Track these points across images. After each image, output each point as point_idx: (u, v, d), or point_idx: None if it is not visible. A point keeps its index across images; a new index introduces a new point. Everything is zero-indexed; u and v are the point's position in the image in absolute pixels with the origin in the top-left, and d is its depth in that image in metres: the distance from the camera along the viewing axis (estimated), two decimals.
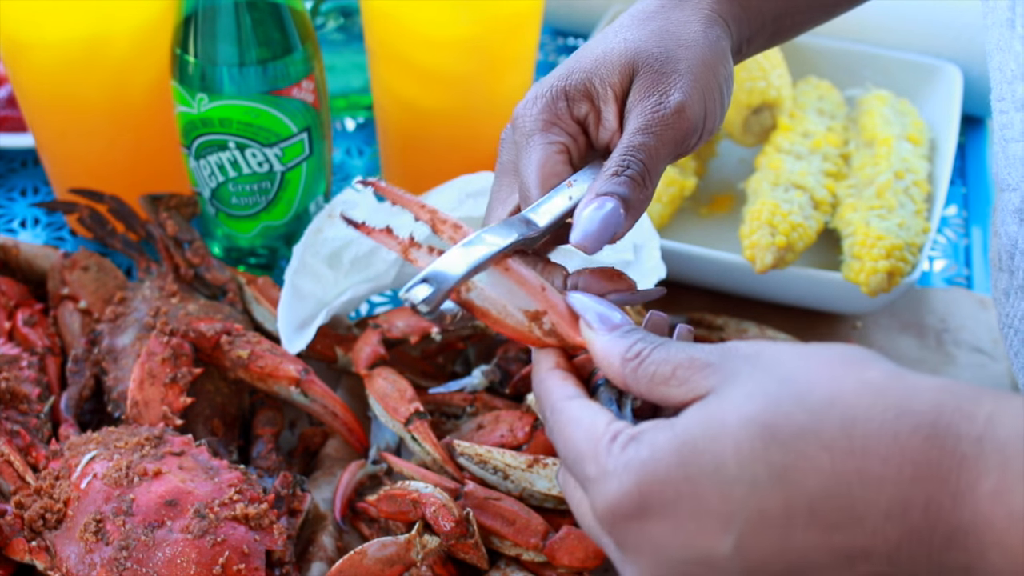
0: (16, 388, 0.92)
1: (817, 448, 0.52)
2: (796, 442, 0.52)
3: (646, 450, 0.55)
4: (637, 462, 0.54)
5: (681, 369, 0.57)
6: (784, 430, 0.52)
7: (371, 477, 0.92)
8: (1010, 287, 0.82)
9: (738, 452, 0.53)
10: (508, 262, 0.65)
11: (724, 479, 0.53)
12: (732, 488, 0.53)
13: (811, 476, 0.52)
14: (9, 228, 1.20)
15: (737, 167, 1.25)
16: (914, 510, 0.50)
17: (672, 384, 0.57)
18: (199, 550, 0.78)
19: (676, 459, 0.54)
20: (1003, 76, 0.76)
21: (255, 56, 0.99)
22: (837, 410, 0.52)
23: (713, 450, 0.53)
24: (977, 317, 1.09)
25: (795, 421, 0.52)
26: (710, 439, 0.53)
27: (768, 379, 0.54)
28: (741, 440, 0.53)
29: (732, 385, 0.55)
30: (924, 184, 1.11)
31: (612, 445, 0.56)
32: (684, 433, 0.54)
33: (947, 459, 0.51)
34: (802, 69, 1.26)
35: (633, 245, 0.98)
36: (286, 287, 0.97)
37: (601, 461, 0.56)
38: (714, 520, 0.53)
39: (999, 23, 0.76)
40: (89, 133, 1.09)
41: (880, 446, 0.51)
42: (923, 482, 0.50)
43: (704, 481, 0.53)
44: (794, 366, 0.55)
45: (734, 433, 0.53)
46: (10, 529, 0.82)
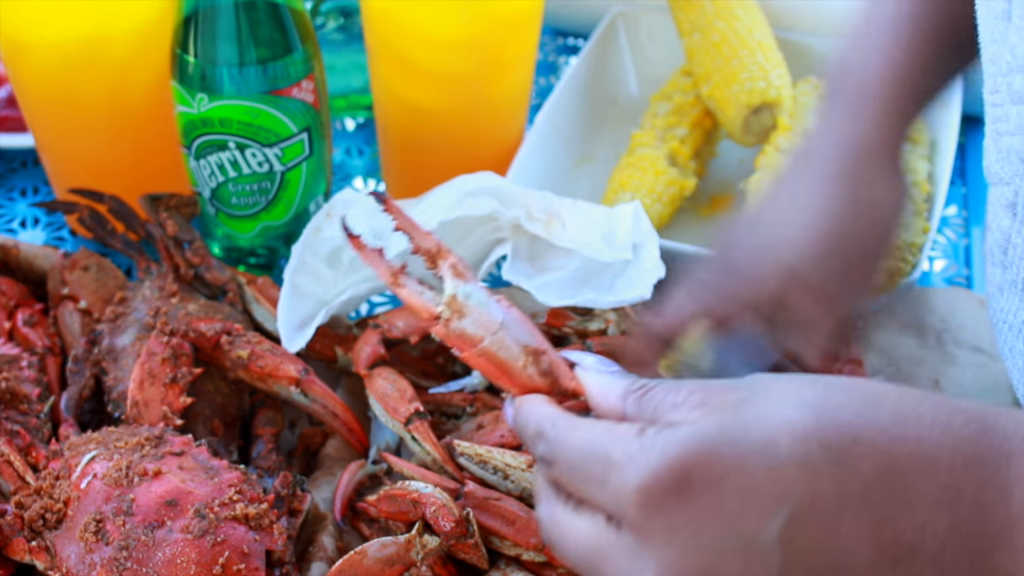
0: (16, 388, 0.92)
1: (873, 432, 0.50)
2: (851, 426, 0.50)
3: (687, 428, 0.51)
4: (680, 436, 0.51)
5: (698, 393, 0.53)
6: (839, 414, 0.50)
7: (371, 477, 0.92)
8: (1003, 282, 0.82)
9: (791, 432, 0.50)
10: (504, 300, 0.64)
11: (776, 457, 0.50)
12: (784, 468, 0.50)
13: (865, 459, 0.50)
14: (9, 228, 1.20)
15: (737, 167, 1.25)
16: (964, 500, 0.49)
17: (685, 407, 0.53)
18: (199, 550, 0.78)
19: (724, 435, 0.51)
20: (998, 68, 0.76)
21: (255, 56, 0.99)
22: (889, 403, 0.51)
23: (764, 428, 0.50)
24: (977, 317, 1.09)
25: (850, 408, 0.51)
26: (760, 420, 0.51)
27: (812, 379, 0.53)
28: (794, 420, 0.50)
29: (772, 385, 0.53)
30: (924, 184, 1.11)
31: (646, 428, 0.52)
32: (733, 414, 0.51)
33: (996, 453, 0.50)
34: (802, 69, 1.26)
35: (633, 245, 0.98)
36: (285, 286, 0.97)
37: (630, 444, 0.52)
38: (762, 502, 0.49)
39: (994, 15, 0.75)
40: (89, 133, 1.09)
41: (933, 434, 0.50)
42: (974, 470, 0.50)
43: (754, 459, 0.50)
44: (832, 378, 0.54)
45: (787, 415, 0.51)
46: (10, 529, 0.82)
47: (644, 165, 1.14)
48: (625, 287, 0.96)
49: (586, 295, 0.96)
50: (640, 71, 1.34)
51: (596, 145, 1.29)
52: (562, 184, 1.21)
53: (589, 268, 0.98)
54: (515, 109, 1.18)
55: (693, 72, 1.22)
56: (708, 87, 1.19)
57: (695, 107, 1.21)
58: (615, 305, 0.95)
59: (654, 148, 1.16)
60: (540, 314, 1.01)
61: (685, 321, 0.77)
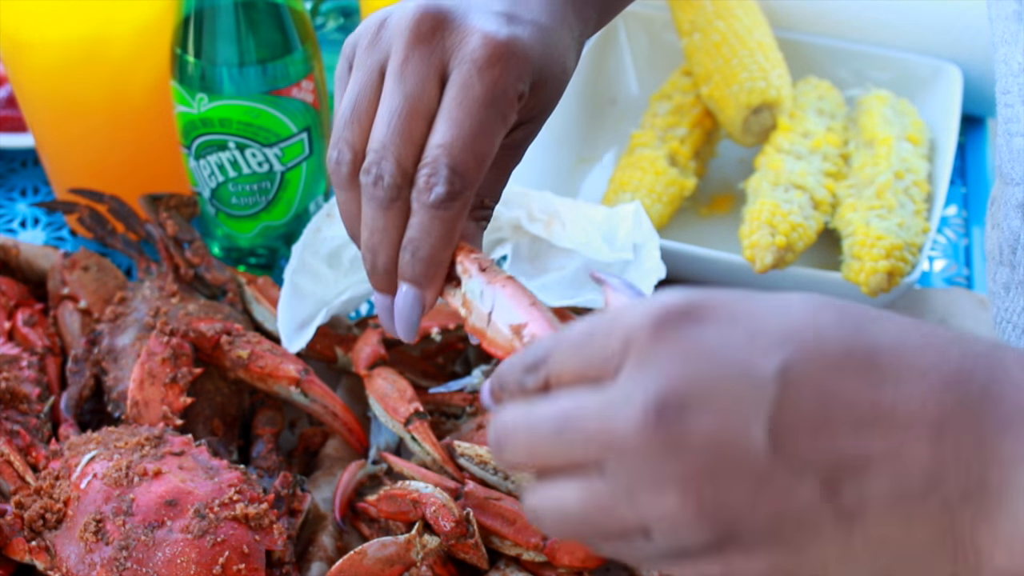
0: (16, 388, 0.92)
1: (888, 317, 0.51)
2: (861, 309, 0.51)
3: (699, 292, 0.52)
4: (688, 291, 0.52)
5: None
6: (849, 304, 0.52)
7: (371, 477, 0.92)
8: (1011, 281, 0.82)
9: (804, 300, 0.51)
10: (503, 279, 0.64)
11: (787, 308, 0.51)
12: (794, 318, 0.50)
13: (878, 330, 0.50)
14: (9, 228, 1.20)
15: (737, 167, 1.25)
16: (975, 384, 0.49)
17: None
18: (199, 550, 0.78)
19: (735, 294, 0.53)
20: (1009, 69, 0.76)
21: (255, 56, 0.99)
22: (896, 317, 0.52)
23: (776, 296, 0.52)
24: (977, 317, 1.09)
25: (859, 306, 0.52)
26: (770, 295, 0.52)
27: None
28: (806, 296, 0.52)
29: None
30: (924, 184, 1.11)
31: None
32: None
33: (1009, 358, 0.50)
34: (802, 69, 1.26)
35: (633, 245, 0.98)
36: (286, 286, 0.97)
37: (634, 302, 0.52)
38: (769, 339, 0.50)
39: (1005, 16, 0.75)
40: (89, 133, 1.09)
41: (945, 335, 0.51)
42: (985, 367, 0.49)
43: (765, 307, 0.51)
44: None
45: (799, 295, 0.52)
46: (10, 529, 0.82)
47: (644, 165, 1.14)
48: None
49: (586, 295, 0.96)
50: (640, 71, 1.34)
51: (596, 145, 1.29)
52: (562, 184, 1.21)
53: (590, 268, 0.98)
54: None
55: (693, 72, 1.22)
56: (708, 87, 1.19)
57: (695, 107, 1.21)
58: None
59: (654, 148, 1.16)
60: None
61: None
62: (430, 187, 0.67)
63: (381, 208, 0.68)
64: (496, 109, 0.68)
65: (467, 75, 0.68)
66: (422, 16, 0.69)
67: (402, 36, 0.69)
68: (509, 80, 0.68)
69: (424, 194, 0.67)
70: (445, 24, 0.69)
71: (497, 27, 0.68)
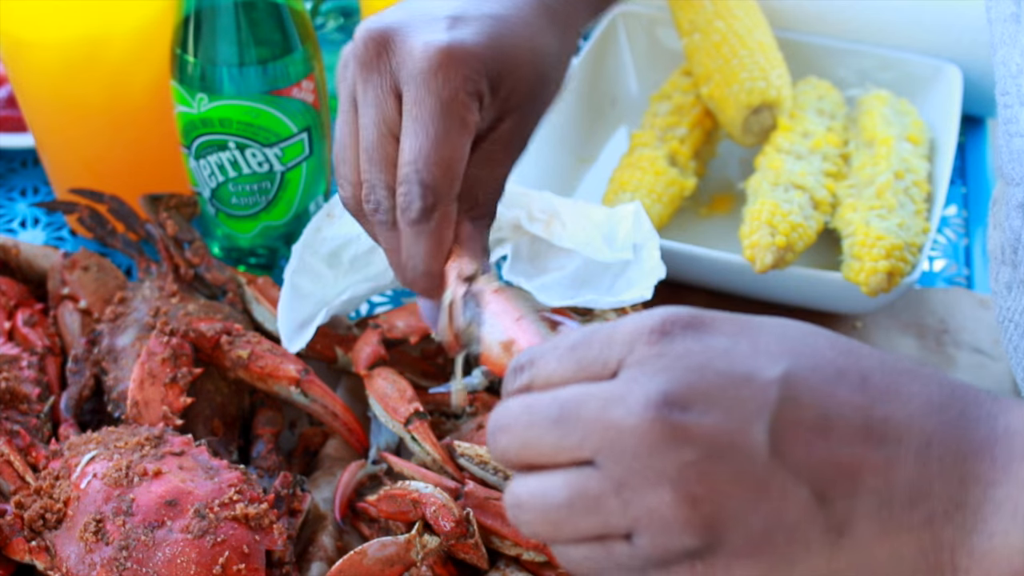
0: (16, 388, 0.92)
1: (874, 349, 0.53)
2: (849, 339, 0.54)
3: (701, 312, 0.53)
4: (687, 307, 0.53)
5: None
6: (838, 334, 0.54)
7: (371, 477, 0.92)
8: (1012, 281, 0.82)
9: (798, 323, 0.53)
10: (489, 294, 0.65)
11: (784, 328, 0.53)
12: (791, 336, 0.52)
13: (866, 357, 0.52)
14: (9, 228, 1.20)
15: (737, 167, 1.25)
16: (952, 410, 0.51)
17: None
18: (199, 550, 0.78)
19: (732, 313, 0.54)
20: (1007, 71, 0.76)
21: (255, 56, 0.99)
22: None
23: (771, 318, 0.54)
24: (977, 317, 1.09)
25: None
26: (765, 318, 0.54)
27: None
28: (799, 322, 0.54)
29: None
30: (924, 184, 1.11)
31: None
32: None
33: (983, 394, 0.53)
34: (802, 69, 1.26)
35: (633, 245, 0.98)
36: (286, 286, 0.97)
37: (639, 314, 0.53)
38: (770, 348, 0.51)
39: (1004, 18, 0.75)
40: (89, 133, 1.09)
41: (924, 368, 0.53)
42: (962, 396, 0.52)
43: (764, 325, 0.53)
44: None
45: (795, 322, 0.54)
46: (10, 529, 0.82)
47: (644, 165, 1.14)
48: (625, 287, 0.96)
49: (586, 295, 0.96)
50: (640, 71, 1.34)
51: (596, 145, 1.29)
52: (562, 184, 1.21)
53: (589, 268, 0.98)
54: None
55: (693, 72, 1.22)
56: (708, 87, 1.19)
57: (695, 107, 1.21)
58: (615, 305, 0.95)
59: (654, 148, 1.16)
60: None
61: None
62: (407, 205, 0.70)
63: (387, 231, 0.72)
64: (452, 116, 0.69)
65: (416, 89, 0.69)
66: (366, 42, 0.71)
67: (355, 66, 0.72)
68: (457, 84, 0.69)
69: (404, 214, 0.70)
70: (388, 44, 0.71)
71: (437, 34, 0.70)
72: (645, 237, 0.98)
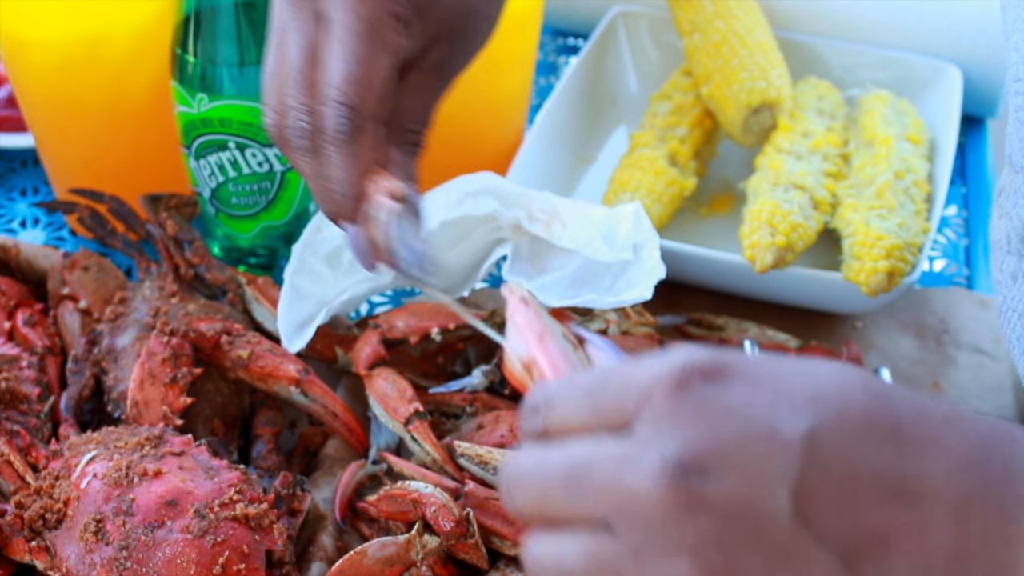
0: (16, 388, 0.92)
1: (906, 389, 0.49)
2: (885, 382, 0.50)
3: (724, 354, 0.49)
4: (710, 349, 0.49)
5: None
6: (873, 376, 0.50)
7: (371, 477, 0.92)
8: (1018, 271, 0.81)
9: (830, 366, 0.49)
10: (515, 303, 0.61)
11: (813, 372, 0.48)
12: (820, 382, 0.48)
13: (901, 401, 0.48)
14: (9, 228, 1.20)
15: (737, 167, 1.25)
16: (996, 461, 0.47)
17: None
18: (199, 550, 0.78)
19: (759, 359, 0.50)
20: (1020, 55, 0.75)
21: (255, 56, 0.99)
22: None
23: (801, 360, 0.50)
24: (977, 317, 1.09)
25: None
26: (795, 359, 0.50)
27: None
28: (832, 363, 0.50)
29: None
30: (924, 184, 1.11)
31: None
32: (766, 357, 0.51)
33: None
34: (802, 69, 1.26)
35: (633, 245, 0.98)
36: (286, 286, 0.97)
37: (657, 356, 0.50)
38: (794, 400, 0.47)
39: (1016, 2, 0.75)
40: (89, 133, 1.09)
41: (964, 412, 0.49)
42: (1008, 441, 0.48)
43: (790, 370, 0.48)
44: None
45: (824, 361, 0.50)
46: (10, 529, 0.82)
47: (644, 165, 1.14)
48: (626, 287, 0.96)
49: (586, 295, 0.96)
50: (640, 71, 1.34)
51: (596, 145, 1.29)
52: (562, 184, 1.21)
53: (589, 268, 0.98)
54: (515, 109, 1.18)
55: (693, 72, 1.22)
56: (708, 87, 1.19)
57: (695, 107, 1.21)
58: (615, 305, 0.95)
59: (654, 148, 1.16)
60: None
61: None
62: (329, 127, 0.69)
63: (308, 156, 0.71)
64: (375, 37, 0.68)
65: (339, 12, 0.69)
66: None
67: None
68: (380, 4, 0.69)
69: (326, 135, 0.69)
70: None
71: None
72: (645, 237, 0.98)
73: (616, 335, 0.98)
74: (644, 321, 1.00)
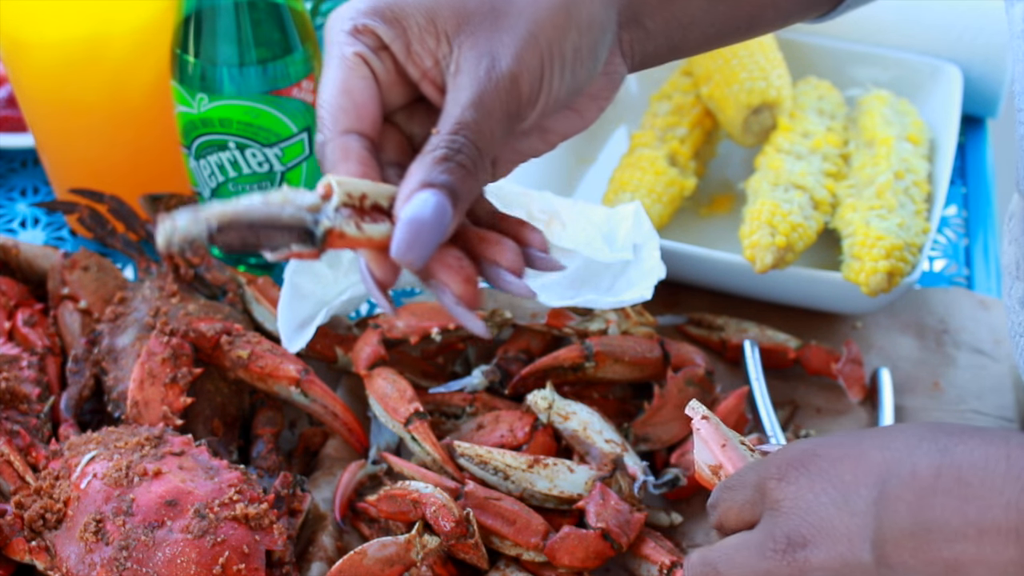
0: (16, 388, 0.92)
1: (973, 433, 0.59)
2: (954, 431, 0.59)
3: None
4: (807, 441, 0.64)
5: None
6: (943, 427, 0.61)
7: (371, 477, 0.92)
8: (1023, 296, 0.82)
9: (904, 431, 0.60)
10: (699, 420, 0.70)
11: (886, 442, 0.60)
12: (890, 452, 0.59)
13: (963, 449, 0.58)
14: (9, 228, 1.20)
15: (737, 167, 1.25)
16: None
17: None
18: (199, 550, 0.78)
19: (845, 436, 0.63)
20: (1020, 87, 0.75)
21: (255, 56, 0.99)
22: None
23: (882, 431, 0.62)
24: (977, 318, 1.09)
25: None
26: (878, 430, 0.63)
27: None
28: (907, 428, 0.61)
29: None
30: (924, 184, 1.11)
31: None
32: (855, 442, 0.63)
33: None
34: (802, 69, 1.26)
35: (633, 245, 0.98)
36: (286, 286, 0.97)
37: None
38: (869, 472, 0.59)
39: (1016, 34, 0.75)
40: (89, 133, 1.09)
41: (1019, 441, 0.57)
42: None
43: (867, 445, 0.61)
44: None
45: (899, 429, 0.62)
46: (10, 529, 0.82)
47: (644, 165, 1.14)
48: (626, 287, 0.96)
49: (587, 295, 0.96)
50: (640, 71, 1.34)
51: (596, 145, 1.28)
52: (562, 184, 1.21)
53: (590, 268, 0.98)
54: None
55: (693, 72, 1.22)
56: (708, 87, 1.19)
57: (695, 107, 1.21)
58: (615, 305, 0.95)
59: (654, 148, 1.16)
60: (540, 315, 1.01)
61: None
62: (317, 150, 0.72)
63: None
64: (335, 56, 0.68)
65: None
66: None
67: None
68: (339, 23, 0.68)
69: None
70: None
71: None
72: (645, 237, 0.98)
73: (616, 335, 0.98)
74: (644, 321, 1.00)
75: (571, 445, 0.92)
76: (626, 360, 0.96)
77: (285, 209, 0.60)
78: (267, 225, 0.60)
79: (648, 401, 0.96)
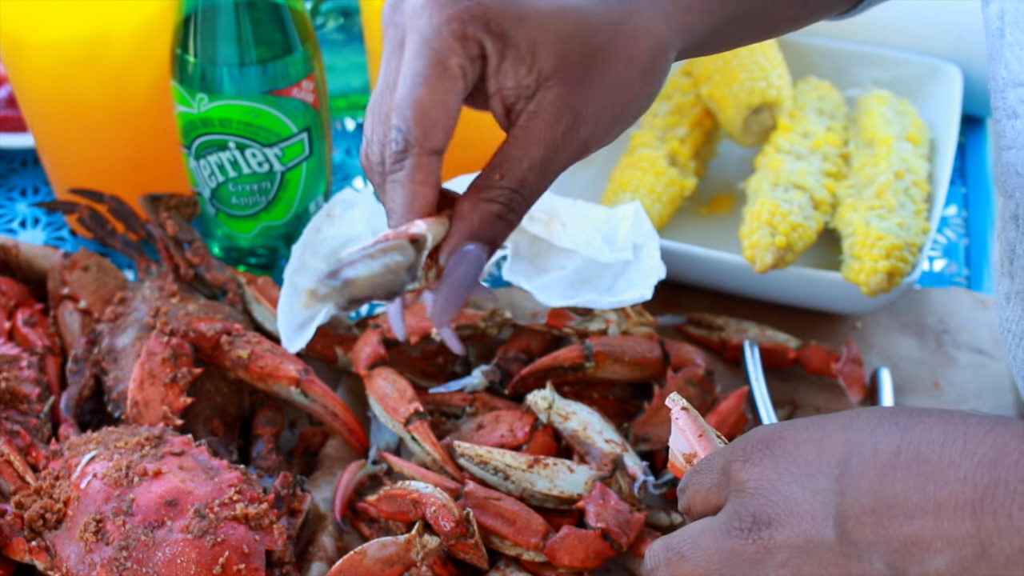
0: (16, 388, 0.92)
1: (932, 413, 0.59)
2: (914, 412, 0.59)
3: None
4: (772, 426, 0.64)
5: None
6: (904, 410, 0.61)
7: (371, 477, 0.92)
8: (1010, 291, 0.82)
9: (868, 414, 0.61)
10: (678, 411, 0.70)
11: (849, 423, 0.60)
12: (852, 433, 0.60)
13: (923, 431, 0.58)
14: (9, 228, 1.20)
15: (737, 167, 1.25)
16: (1009, 459, 0.55)
17: None
18: (199, 550, 0.78)
19: (804, 424, 0.63)
20: (996, 85, 0.76)
21: (255, 56, 0.99)
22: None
23: (844, 415, 0.61)
24: (977, 317, 1.09)
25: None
26: (841, 414, 0.62)
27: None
28: (871, 411, 0.61)
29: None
30: (924, 184, 1.11)
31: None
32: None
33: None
34: (802, 69, 1.26)
35: (633, 245, 0.98)
36: (286, 286, 0.97)
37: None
38: (832, 453, 0.60)
39: (992, 33, 0.76)
40: (89, 133, 1.09)
41: (984, 422, 0.58)
42: (1017, 440, 0.56)
43: (831, 427, 0.61)
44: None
45: (864, 411, 0.61)
46: (10, 529, 0.82)
47: (644, 165, 1.14)
48: (625, 287, 0.96)
49: (586, 295, 0.96)
50: None
51: None
52: (562, 184, 1.21)
53: (589, 268, 0.98)
54: None
55: (693, 72, 1.22)
56: (708, 87, 1.19)
57: (695, 107, 1.21)
58: (615, 305, 0.95)
59: (654, 148, 1.16)
60: (540, 314, 1.01)
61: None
62: (386, 153, 0.67)
63: (379, 191, 0.69)
64: (432, 58, 0.65)
65: (406, 35, 0.67)
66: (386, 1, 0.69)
67: (382, 26, 0.70)
68: (440, 23, 0.65)
69: (384, 163, 0.68)
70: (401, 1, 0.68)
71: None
72: (645, 237, 0.98)
73: (616, 335, 0.98)
74: (644, 321, 1.00)
75: (571, 445, 0.92)
76: (626, 360, 0.96)
77: (399, 276, 0.64)
78: (381, 293, 0.64)
79: (648, 401, 0.96)
